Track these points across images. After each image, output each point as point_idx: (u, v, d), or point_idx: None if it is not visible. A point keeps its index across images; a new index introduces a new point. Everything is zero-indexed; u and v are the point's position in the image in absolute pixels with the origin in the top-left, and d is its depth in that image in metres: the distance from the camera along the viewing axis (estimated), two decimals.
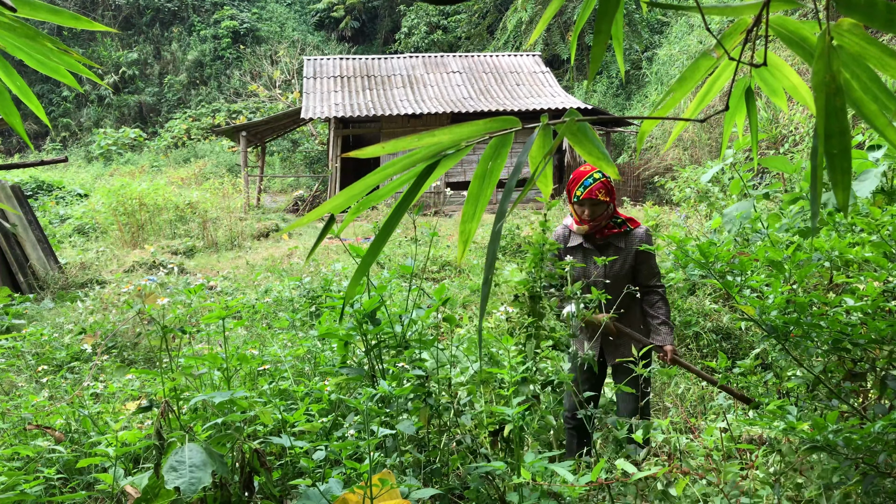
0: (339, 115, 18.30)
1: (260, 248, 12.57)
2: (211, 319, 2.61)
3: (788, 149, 9.75)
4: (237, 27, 33.22)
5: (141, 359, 5.49)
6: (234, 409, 2.39)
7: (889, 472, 2.06)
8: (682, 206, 8.75)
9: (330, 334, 2.81)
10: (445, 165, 1.12)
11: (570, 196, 3.25)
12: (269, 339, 4.97)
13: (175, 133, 29.04)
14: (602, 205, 3.15)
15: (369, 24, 35.43)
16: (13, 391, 4.10)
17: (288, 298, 6.46)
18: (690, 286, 5.97)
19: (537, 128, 1.13)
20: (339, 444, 2.29)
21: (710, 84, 1.39)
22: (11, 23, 1.35)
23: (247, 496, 2.35)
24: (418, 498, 2.26)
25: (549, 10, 1.44)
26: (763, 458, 2.41)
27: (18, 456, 2.91)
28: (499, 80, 20.73)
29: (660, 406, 4.46)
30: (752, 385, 2.81)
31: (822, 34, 0.96)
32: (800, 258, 2.36)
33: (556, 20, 26.99)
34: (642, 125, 1.46)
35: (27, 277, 8.41)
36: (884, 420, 1.97)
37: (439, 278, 8.88)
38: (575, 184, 3.19)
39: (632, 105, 24.47)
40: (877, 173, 2.30)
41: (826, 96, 0.95)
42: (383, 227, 1.13)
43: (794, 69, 1.33)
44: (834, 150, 0.96)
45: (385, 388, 2.46)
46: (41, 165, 8.79)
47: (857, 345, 2.29)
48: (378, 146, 1.10)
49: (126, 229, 12.97)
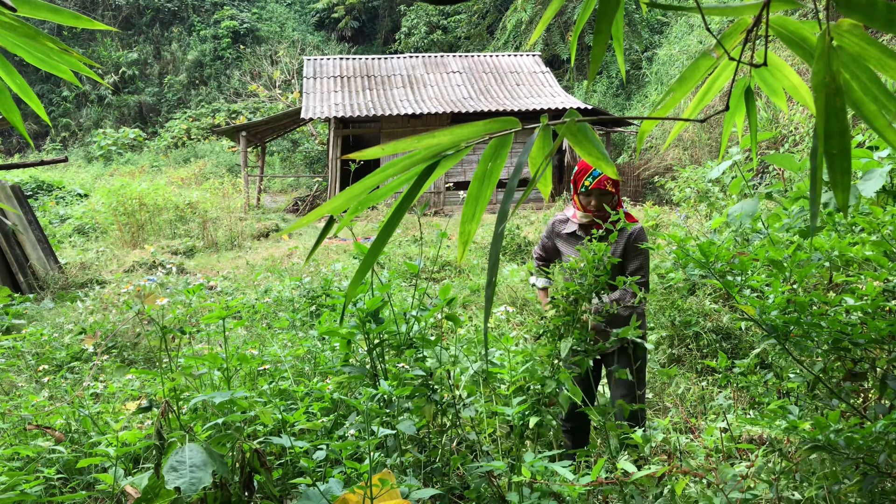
0: (339, 115, 18.30)
1: (260, 248, 12.58)
2: (211, 319, 2.61)
3: (788, 149, 9.75)
4: (237, 27, 33.23)
5: (141, 359, 5.49)
6: (234, 409, 2.39)
7: (889, 472, 2.06)
8: (682, 206, 8.75)
9: (332, 332, 2.81)
10: (445, 166, 1.12)
11: (576, 186, 3.32)
12: (269, 339, 4.97)
13: (175, 133, 29.04)
14: (608, 195, 3.25)
15: (369, 24, 35.44)
16: (13, 391, 4.10)
17: (288, 298, 6.46)
18: (690, 286, 5.97)
19: (537, 128, 1.13)
20: (340, 444, 2.29)
21: (710, 84, 1.40)
22: (12, 22, 1.35)
23: (247, 496, 2.35)
24: (418, 498, 2.26)
25: (549, 10, 1.44)
26: (763, 458, 2.41)
27: (18, 456, 2.91)
28: (499, 81, 20.73)
29: (660, 406, 4.46)
30: (752, 385, 2.81)
31: (822, 34, 0.96)
32: (800, 258, 2.36)
33: (556, 20, 27.00)
34: (642, 125, 1.46)
35: (27, 277, 8.41)
36: (885, 420, 1.97)
37: (439, 278, 8.88)
38: (583, 174, 3.26)
39: (632, 105, 24.47)
40: (882, 173, 2.29)
41: (826, 97, 0.95)
42: (384, 227, 1.13)
43: (795, 69, 1.33)
44: (834, 150, 0.96)
45: (386, 388, 2.46)
46: (41, 165, 8.79)
47: (858, 344, 2.29)
48: (378, 148, 1.10)
49: (126, 229, 12.97)
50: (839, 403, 2.38)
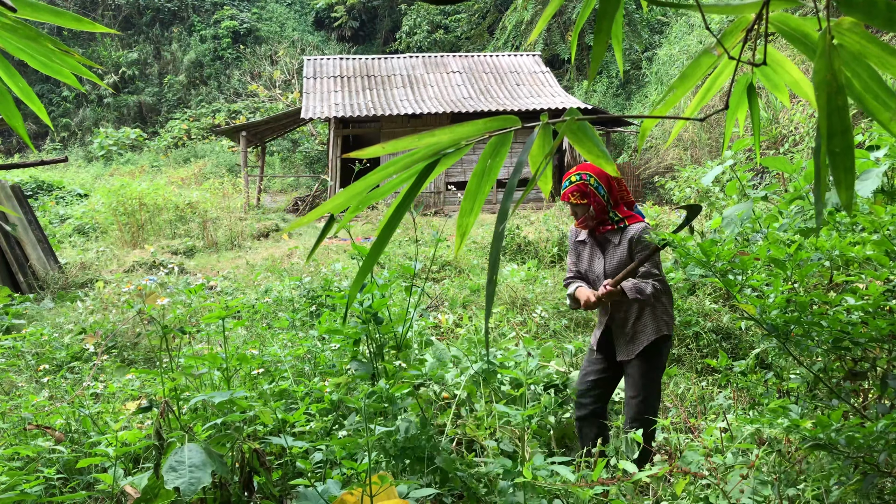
0: (339, 115, 18.30)
1: (260, 248, 12.57)
2: (211, 319, 2.61)
3: (788, 148, 9.75)
4: (237, 27, 33.21)
5: (141, 359, 5.48)
6: (233, 410, 2.39)
7: (889, 472, 2.06)
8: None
9: (336, 331, 2.81)
10: (445, 164, 1.12)
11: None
12: (269, 339, 4.97)
13: (175, 133, 29.03)
14: (580, 207, 3.27)
15: (369, 24, 35.43)
16: (13, 391, 4.10)
17: (288, 298, 6.46)
18: (690, 286, 5.96)
19: (537, 127, 1.13)
20: (339, 441, 2.29)
21: (711, 82, 1.39)
22: (13, 24, 1.35)
23: (246, 496, 2.35)
24: (417, 497, 2.25)
25: (548, 10, 1.44)
26: (763, 458, 2.41)
27: (18, 456, 2.91)
28: (499, 80, 20.73)
29: (660, 406, 4.46)
30: (752, 384, 2.80)
31: (823, 33, 0.96)
32: (801, 257, 2.35)
33: (556, 20, 26.99)
34: (643, 124, 1.46)
35: (27, 277, 8.41)
36: (885, 419, 1.97)
37: (439, 278, 8.88)
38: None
39: (632, 105, 24.46)
40: (878, 173, 2.29)
41: (828, 94, 0.95)
42: (385, 226, 1.12)
43: (797, 66, 1.33)
44: (836, 148, 0.95)
45: (383, 387, 2.46)
46: (41, 165, 8.79)
47: (858, 344, 2.29)
48: (378, 146, 1.10)
49: (126, 229, 12.96)
50: (839, 403, 2.38)
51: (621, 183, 3.29)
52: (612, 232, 3.26)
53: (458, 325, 5.91)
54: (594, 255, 3.33)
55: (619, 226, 3.25)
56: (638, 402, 3.16)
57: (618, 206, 3.27)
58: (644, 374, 3.18)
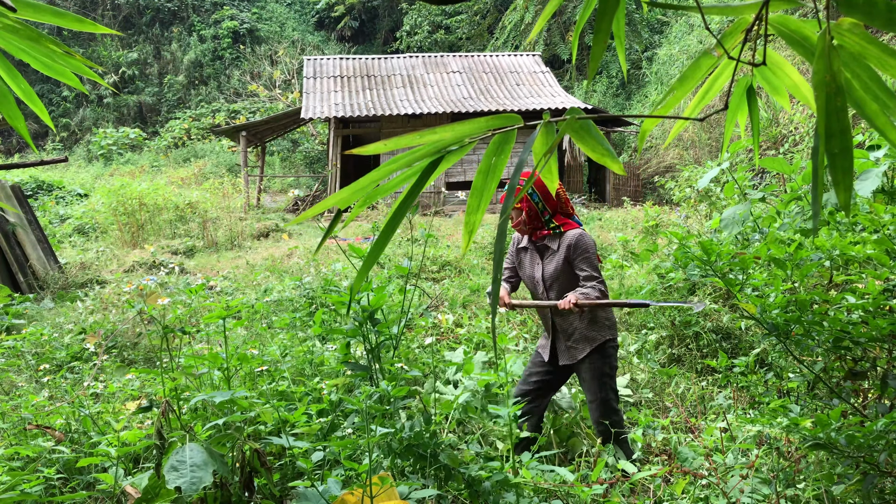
0: (339, 114, 18.30)
1: (260, 248, 12.57)
2: (211, 319, 2.61)
3: (788, 149, 9.75)
4: (237, 27, 33.20)
5: (141, 359, 5.49)
6: (234, 409, 2.39)
7: (889, 472, 2.06)
8: (682, 206, 8.75)
9: (335, 332, 2.81)
10: (448, 161, 1.12)
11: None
12: (269, 339, 4.97)
13: (175, 133, 29.01)
14: (514, 210, 3.41)
15: (369, 24, 35.42)
16: (13, 391, 4.10)
17: (288, 298, 6.46)
18: (690, 286, 5.97)
19: (539, 125, 1.14)
20: (339, 442, 2.29)
21: (711, 83, 1.40)
22: (14, 25, 1.35)
23: (247, 496, 2.35)
24: (418, 498, 2.26)
25: (547, 9, 1.44)
26: (763, 458, 2.41)
27: (19, 456, 2.91)
28: (499, 80, 20.72)
29: (660, 406, 4.46)
30: (752, 384, 2.81)
31: (823, 34, 0.96)
32: (802, 256, 2.36)
33: (556, 20, 27.00)
34: (643, 124, 1.46)
35: (27, 277, 8.41)
36: (885, 419, 1.97)
37: (439, 278, 8.88)
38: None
39: (632, 105, 24.47)
40: (878, 173, 2.30)
41: (827, 96, 0.95)
42: (387, 225, 1.13)
43: (796, 68, 1.33)
44: (835, 149, 0.96)
45: (384, 387, 2.46)
46: (41, 165, 8.79)
47: (858, 343, 2.29)
48: (380, 143, 1.10)
49: (126, 229, 12.96)
50: (839, 402, 2.38)
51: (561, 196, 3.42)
52: (549, 238, 3.42)
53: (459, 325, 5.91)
54: (534, 260, 3.48)
55: (555, 231, 3.40)
56: (597, 405, 3.31)
57: (555, 215, 3.41)
58: (595, 377, 3.32)
